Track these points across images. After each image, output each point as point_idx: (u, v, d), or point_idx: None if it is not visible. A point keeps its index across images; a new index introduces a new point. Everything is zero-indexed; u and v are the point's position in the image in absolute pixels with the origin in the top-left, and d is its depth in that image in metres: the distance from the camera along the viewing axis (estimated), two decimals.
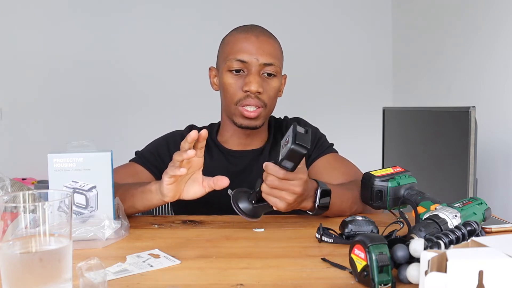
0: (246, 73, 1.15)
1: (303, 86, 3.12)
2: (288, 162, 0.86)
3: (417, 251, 0.63)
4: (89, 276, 0.62)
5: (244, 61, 1.14)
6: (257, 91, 1.13)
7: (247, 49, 1.14)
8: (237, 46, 1.16)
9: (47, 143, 2.96)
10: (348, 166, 1.24)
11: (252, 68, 1.14)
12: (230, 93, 1.17)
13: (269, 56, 1.15)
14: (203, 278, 0.72)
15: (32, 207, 0.60)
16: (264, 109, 1.17)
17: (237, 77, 1.16)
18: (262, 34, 1.18)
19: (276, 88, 1.19)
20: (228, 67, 1.16)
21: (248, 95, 1.14)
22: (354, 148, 2.09)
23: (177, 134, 1.28)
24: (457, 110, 1.26)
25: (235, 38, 1.18)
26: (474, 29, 2.17)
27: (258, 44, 1.15)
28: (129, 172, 1.19)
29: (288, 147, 0.84)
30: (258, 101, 1.15)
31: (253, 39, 1.15)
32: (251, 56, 1.14)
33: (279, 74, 1.19)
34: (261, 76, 1.15)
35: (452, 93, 2.40)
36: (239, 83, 1.15)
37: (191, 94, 3.14)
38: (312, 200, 0.98)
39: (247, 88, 1.13)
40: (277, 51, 1.19)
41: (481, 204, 0.89)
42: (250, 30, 1.18)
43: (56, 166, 0.93)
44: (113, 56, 3.16)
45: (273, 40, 1.20)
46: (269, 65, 1.15)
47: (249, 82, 1.13)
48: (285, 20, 3.14)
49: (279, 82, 1.20)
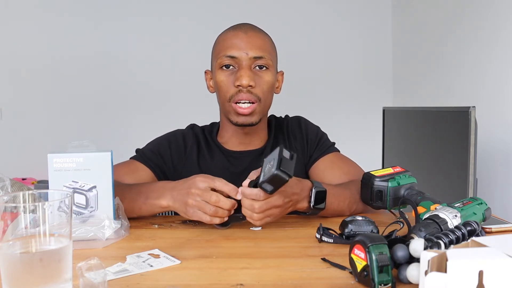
0: (237, 68, 1.16)
1: (303, 85, 3.12)
2: (268, 186, 0.86)
3: (417, 251, 0.63)
4: (89, 276, 0.62)
5: (234, 57, 1.15)
6: (248, 84, 1.13)
7: (236, 45, 1.15)
8: (226, 43, 1.17)
9: (47, 143, 2.96)
10: (351, 165, 1.23)
11: (243, 62, 1.15)
12: (223, 90, 1.17)
13: (258, 49, 1.16)
14: (203, 278, 0.72)
15: (32, 207, 0.60)
16: (259, 104, 1.17)
17: (228, 73, 1.16)
18: (251, 29, 1.19)
19: (269, 82, 1.18)
20: (219, 65, 1.17)
21: (240, 89, 1.14)
22: (354, 148, 2.09)
23: (178, 133, 1.28)
24: (457, 110, 1.26)
25: (224, 36, 1.20)
26: (474, 29, 2.17)
27: (247, 39, 1.16)
28: (129, 169, 1.18)
29: (272, 172, 0.83)
30: (251, 95, 1.15)
31: (242, 35, 1.16)
32: (241, 51, 1.15)
33: (271, 67, 1.18)
34: (252, 70, 1.16)
35: (452, 93, 2.40)
36: (231, 79, 1.16)
37: (192, 93, 3.14)
38: (308, 200, 0.98)
39: (238, 83, 1.14)
40: (267, 44, 1.19)
41: (481, 204, 0.89)
42: (239, 27, 1.19)
43: (56, 166, 0.93)
44: (113, 56, 3.16)
45: (263, 35, 1.20)
46: (259, 58, 1.15)
47: (240, 76, 1.13)
48: (285, 20, 3.14)
49: (272, 75, 1.19)
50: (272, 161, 0.85)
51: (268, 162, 0.87)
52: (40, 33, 3.13)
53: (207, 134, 1.29)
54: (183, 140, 1.25)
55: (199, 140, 1.26)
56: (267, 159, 0.89)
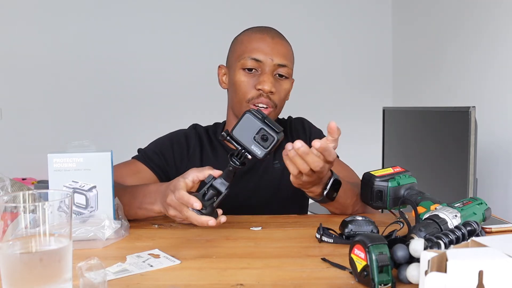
0: (259, 72, 1.16)
1: (303, 86, 3.11)
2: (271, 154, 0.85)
3: (417, 251, 0.63)
4: (89, 276, 0.62)
5: (259, 60, 1.15)
6: (270, 90, 1.14)
7: (262, 49, 1.15)
8: (252, 45, 1.16)
9: (47, 143, 2.96)
10: (348, 171, 1.25)
11: (266, 67, 1.15)
12: (242, 91, 1.17)
13: (283, 57, 1.16)
14: (203, 278, 0.72)
15: (32, 207, 0.60)
16: (274, 109, 1.18)
17: (250, 75, 1.16)
18: (277, 36, 1.19)
19: (286, 90, 1.20)
20: (242, 65, 1.16)
21: (261, 94, 1.15)
22: (354, 148, 2.09)
23: (181, 133, 1.28)
24: (457, 110, 1.26)
25: (250, 37, 1.19)
26: (474, 29, 2.17)
27: (273, 45, 1.16)
28: (131, 170, 1.18)
29: (275, 139, 0.84)
30: (270, 101, 1.15)
31: (269, 40, 1.16)
32: (266, 56, 1.15)
33: (290, 76, 1.20)
34: (274, 77, 1.16)
35: (452, 93, 2.40)
36: (252, 82, 1.16)
37: (193, 93, 3.14)
38: (322, 187, 0.99)
39: (260, 87, 1.14)
40: (290, 54, 1.20)
41: (481, 204, 0.89)
42: (265, 31, 1.19)
43: (56, 166, 0.93)
44: (113, 56, 3.16)
45: (287, 43, 1.21)
46: (282, 66, 1.16)
47: (263, 81, 1.14)
48: (284, 20, 3.13)
49: (290, 84, 1.21)
50: (255, 133, 0.84)
51: (247, 136, 0.85)
52: (40, 33, 3.13)
53: (211, 134, 1.29)
54: (185, 140, 1.25)
55: (202, 140, 1.26)
56: (240, 131, 0.86)
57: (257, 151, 0.85)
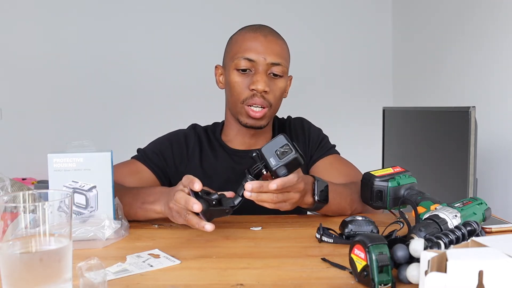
0: (253, 72, 1.15)
1: (303, 86, 3.12)
2: (284, 170, 0.85)
3: (417, 251, 0.63)
4: (89, 276, 0.62)
5: (252, 60, 1.14)
6: (263, 90, 1.13)
7: (255, 48, 1.14)
8: (245, 44, 1.16)
9: (47, 143, 2.96)
10: (350, 168, 1.24)
11: (260, 67, 1.14)
12: (236, 91, 1.16)
13: (276, 56, 1.15)
14: (203, 278, 0.72)
15: (32, 207, 0.60)
16: (269, 109, 1.17)
17: (244, 75, 1.16)
18: (270, 34, 1.18)
19: (282, 89, 1.19)
20: (235, 66, 1.16)
21: (255, 94, 1.14)
22: (354, 148, 2.09)
23: (180, 133, 1.28)
24: (457, 110, 1.26)
25: (243, 37, 1.18)
26: (474, 29, 2.17)
27: (266, 44, 1.15)
28: (131, 170, 1.18)
29: (291, 155, 0.84)
30: (264, 100, 1.15)
31: (261, 39, 1.15)
32: (259, 55, 1.14)
33: (285, 74, 1.19)
34: (268, 76, 1.15)
35: (452, 93, 2.40)
36: (245, 82, 1.15)
37: (193, 93, 3.14)
38: (311, 194, 0.98)
39: (253, 87, 1.13)
40: (284, 51, 1.19)
41: (481, 204, 0.89)
42: (259, 29, 1.18)
43: (56, 166, 0.93)
44: (113, 56, 3.16)
45: (281, 41, 1.20)
46: (276, 65, 1.15)
47: (256, 81, 1.13)
48: (284, 20, 3.13)
49: (285, 82, 1.20)
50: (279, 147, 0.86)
51: (271, 150, 0.87)
52: (40, 33, 3.13)
53: (210, 133, 1.29)
54: (185, 140, 1.25)
55: (201, 140, 1.26)
56: (267, 147, 0.87)
57: (272, 161, 0.86)
